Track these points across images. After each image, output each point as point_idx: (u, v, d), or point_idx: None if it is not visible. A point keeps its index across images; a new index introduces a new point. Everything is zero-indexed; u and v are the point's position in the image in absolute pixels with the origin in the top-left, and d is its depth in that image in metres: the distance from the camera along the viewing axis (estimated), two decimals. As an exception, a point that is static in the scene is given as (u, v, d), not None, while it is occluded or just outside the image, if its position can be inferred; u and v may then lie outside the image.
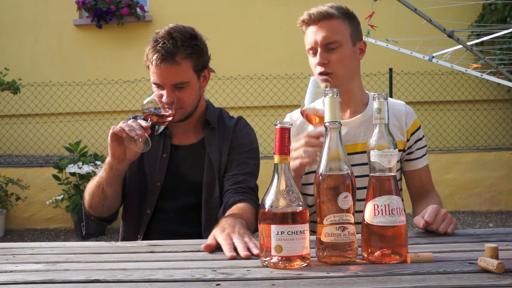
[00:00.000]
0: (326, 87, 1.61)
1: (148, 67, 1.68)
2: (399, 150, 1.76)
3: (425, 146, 1.83)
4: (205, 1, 6.92)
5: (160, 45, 1.60)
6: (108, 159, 1.59)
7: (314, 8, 1.70)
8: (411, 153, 1.80)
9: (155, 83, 1.65)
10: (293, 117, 1.87)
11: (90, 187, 1.67)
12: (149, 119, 1.57)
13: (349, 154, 1.69)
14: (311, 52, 1.72)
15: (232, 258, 1.15)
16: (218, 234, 1.27)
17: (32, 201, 5.83)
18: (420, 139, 1.80)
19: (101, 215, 1.71)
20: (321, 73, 1.67)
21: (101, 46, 7.09)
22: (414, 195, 1.84)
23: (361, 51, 1.76)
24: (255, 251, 1.16)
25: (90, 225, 1.72)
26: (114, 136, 1.53)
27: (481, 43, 5.46)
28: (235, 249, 1.19)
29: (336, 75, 1.66)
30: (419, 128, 1.81)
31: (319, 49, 1.67)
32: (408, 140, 1.78)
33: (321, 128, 1.34)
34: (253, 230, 1.55)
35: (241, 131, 1.80)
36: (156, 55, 1.60)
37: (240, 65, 6.57)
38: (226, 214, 1.50)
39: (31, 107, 6.79)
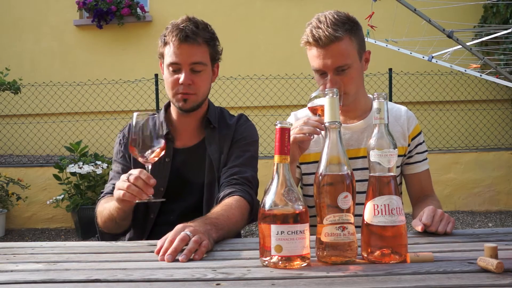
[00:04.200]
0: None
1: (162, 54, 1.70)
2: (400, 156, 1.77)
3: (426, 151, 1.83)
4: (205, 1, 6.92)
5: (182, 25, 1.64)
6: (117, 204, 1.49)
7: (318, 27, 1.60)
8: (411, 157, 1.81)
9: (173, 63, 1.64)
10: (298, 115, 1.88)
11: (102, 214, 1.62)
12: (147, 166, 1.45)
13: (351, 158, 1.70)
14: (318, 73, 1.68)
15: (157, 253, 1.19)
16: (173, 231, 1.24)
17: (33, 201, 5.83)
18: (421, 143, 1.81)
19: (116, 232, 1.71)
20: None
21: (102, 46, 7.09)
22: (413, 199, 1.84)
23: (366, 61, 1.74)
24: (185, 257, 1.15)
25: (105, 238, 1.72)
26: (119, 198, 1.42)
27: (486, 44, 5.44)
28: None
29: (347, 95, 1.65)
30: (419, 133, 1.81)
31: (329, 74, 1.63)
32: (409, 145, 1.79)
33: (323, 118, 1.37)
34: (241, 224, 1.54)
35: (241, 127, 1.80)
36: (179, 34, 1.62)
37: (240, 65, 6.57)
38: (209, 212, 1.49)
39: (31, 107, 6.79)
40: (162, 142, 1.45)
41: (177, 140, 1.79)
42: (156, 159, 1.45)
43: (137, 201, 1.39)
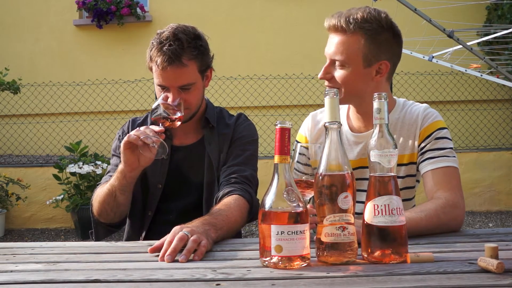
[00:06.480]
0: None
1: (151, 68, 1.66)
2: (413, 163, 1.63)
3: (440, 149, 1.57)
4: (205, 1, 6.92)
5: (166, 47, 1.56)
6: (120, 167, 1.54)
7: (338, 13, 1.55)
8: (423, 153, 1.60)
9: (160, 85, 1.62)
10: (317, 117, 1.78)
11: (100, 195, 1.62)
12: (160, 124, 1.53)
13: (360, 168, 1.64)
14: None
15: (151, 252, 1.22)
16: (171, 233, 1.24)
17: (33, 201, 5.83)
18: (437, 140, 1.58)
19: (112, 221, 1.68)
20: (327, 86, 1.60)
21: (101, 46, 7.09)
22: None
23: (379, 72, 1.57)
24: (185, 258, 1.15)
25: (100, 232, 1.70)
26: (128, 144, 1.47)
27: (491, 43, 5.41)
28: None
29: (339, 91, 1.54)
30: (436, 130, 1.59)
31: (327, 61, 1.57)
32: (419, 145, 1.61)
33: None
34: (240, 224, 1.54)
35: (241, 126, 1.79)
36: (162, 57, 1.56)
37: (240, 65, 6.57)
38: (208, 212, 1.49)
39: (31, 107, 6.78)
40: (179, 113, 1.56)
41: (175, 138, 1.79)
42: (177, 123, 1.57)
43: (141, 141, 1.44)
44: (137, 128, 1.50)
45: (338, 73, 1.56)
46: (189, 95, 1.64)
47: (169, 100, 1.59)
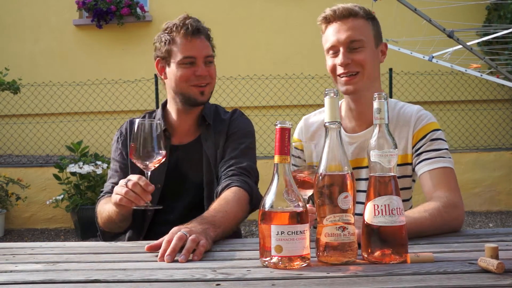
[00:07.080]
0: (348, 91, 1.60)
1: (169, 52, 1.69)
2: (407, 164, 1.65)
3: (436, 150, 1.60)
4: (205, 1, 6.92)
5: (187, 21, 1.69)
6: (116, 209, 1.51)
7: (337, 5, 1.64)
8: (419, 154, 1.62)
9: (188, 57, 1.67)
10: (310, 120, 1.79)
11: (102, 215, 1.63)
12: (146, 172, 1.44)
13: (355, 168, 1.64)
14: (331, 52, 1.63)
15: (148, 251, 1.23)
16: (169, 233, 1.24)
17: (32, 201, 5.83)
18: (432, 141, 1.61)
19: (117, 231, 1.71)
20: (343, 74, 1.61)
21: (101, 46, 7.09)
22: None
23: (383, 53, 1.70)
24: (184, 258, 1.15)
25: (106, 237, 1.73)
26: (118, 203, 1.42)
27: (490, 43, 5.40)
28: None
29: (360, 75, 1.59)
30: (431, 132, 1.63)
31: (341, 49, 1.59)
32: (413, 147, 1.63)
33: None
34: (241, 216, 1.53)
35: (236, 121, 1.80)
36: (188, 29, 1.67)
37: (240, 65, 6.57)
38: (205, 212, 1.47)
39: (31, 107, 6.79)
40: (163, 152, 1.44)
41: (174, 137, 1.80)
42: (157, 165, 1.45)
43: (134, 207, 1.40)
44: (125, 185, 1.38)
45: (358, 55, 1.60)
46: (212, 69, 1.73)
47: (198, 72, 1.67)
